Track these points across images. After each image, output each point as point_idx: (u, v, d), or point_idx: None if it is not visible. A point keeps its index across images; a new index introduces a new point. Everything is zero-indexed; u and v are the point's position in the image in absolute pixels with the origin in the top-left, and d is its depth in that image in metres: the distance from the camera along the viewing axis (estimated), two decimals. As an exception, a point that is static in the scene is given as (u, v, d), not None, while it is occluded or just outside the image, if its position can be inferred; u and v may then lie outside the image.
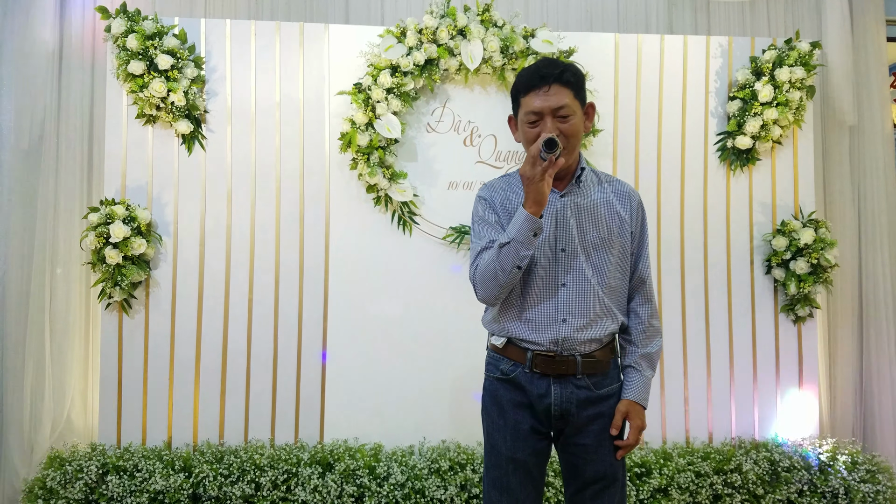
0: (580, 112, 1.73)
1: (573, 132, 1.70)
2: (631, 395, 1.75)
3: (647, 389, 1.78)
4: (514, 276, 1.65)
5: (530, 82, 1.71)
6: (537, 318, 1.73)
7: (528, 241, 1.61)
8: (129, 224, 2.95)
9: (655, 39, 3.31)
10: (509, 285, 1.67)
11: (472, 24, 3.05)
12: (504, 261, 1.63)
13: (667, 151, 3.30)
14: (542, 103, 1.68)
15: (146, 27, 2.97)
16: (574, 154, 1.74)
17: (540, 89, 1.69)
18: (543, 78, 1.69)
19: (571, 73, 1.71)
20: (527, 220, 1.60)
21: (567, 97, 1.69)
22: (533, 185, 1.60)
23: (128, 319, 3.06)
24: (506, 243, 1.63)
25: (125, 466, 2.87)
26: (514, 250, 1.62)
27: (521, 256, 1.62)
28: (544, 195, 1.60)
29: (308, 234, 3.16)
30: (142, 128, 3.09)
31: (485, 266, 1.68)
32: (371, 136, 3.02)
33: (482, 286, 1.70)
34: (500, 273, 1.64)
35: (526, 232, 1.61)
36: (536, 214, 1.61)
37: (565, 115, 1.68)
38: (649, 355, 1.80)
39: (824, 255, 3.18)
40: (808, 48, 3.24)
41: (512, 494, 1.74)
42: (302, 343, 3.13)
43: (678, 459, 3.04)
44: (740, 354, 3.29)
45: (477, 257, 1.73)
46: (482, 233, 1.76)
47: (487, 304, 1.76)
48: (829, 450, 3.15)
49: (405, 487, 2.87)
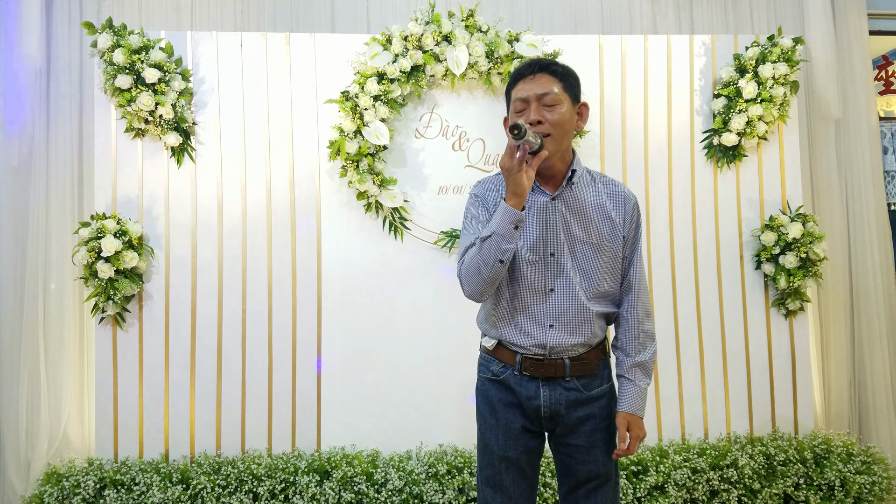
0: (569, 105, 1.71)
1: (558, 122, 1.67)
2: (627, 407, 1.74)
3: (642, 399, 1.76)
4: (498, 271, 1.64)
5: (519, 72, 1.73)
6: (525, 323, 1.73)
7: (510, 234, 1.60)
8: (121, 238, 2.95)
9: (639, 40, 3.33)
10: (494, 280, 1.66)
11: (456, 29, 3.07)
12: (486, 254, 1.62)
13: (654, 150, 3.33)
14: (528, 90, 1.69)
15: (132, 41, 2.98)
16: (560, 148, 1.70)
17: (527, 77, 1.71)
18: (530, 66, 1.72)
19: (560, 66, 1.72)
20: (506, 212, 1.59)
21: (554, 85, 1.68)
22: (511, 176, 1.58)
23: (122, 333, 3.07)
24: (487, 237, 1.62)
25: (123, 480, 2.87)
26: (495, 244, 1.61)
27: (503, 250, 1.61)
28: (524, 187, 1.58)
29: (300, 242, 3.17)
30: (131, 141, 3.10)
31: (469, 261, 1.68)
32: (360, 144, 3.03)
33: (467, 281, 1.69)
34: (483, 266, 1.64)
35: (507, 225, 1.59)
36: (517, 207, 1.59)
37: (551, 104, 1.67)
38: (643, 364, 1.77)
39: (813, 248, 3.21)
40: (790, 44, 3.27)
41: (505, 492, 1.75)
42: (297, 351, 3.14)
43: (674, 456, 3.05)
44: (733, 350, 3.31)
45: (464, 254, 1.72)
46: (471, 230, 1.76)
47: (474, 300, 1.74)
48: (824, 442, 3.17)
49: (403, 493, 2.88)
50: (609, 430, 1.77)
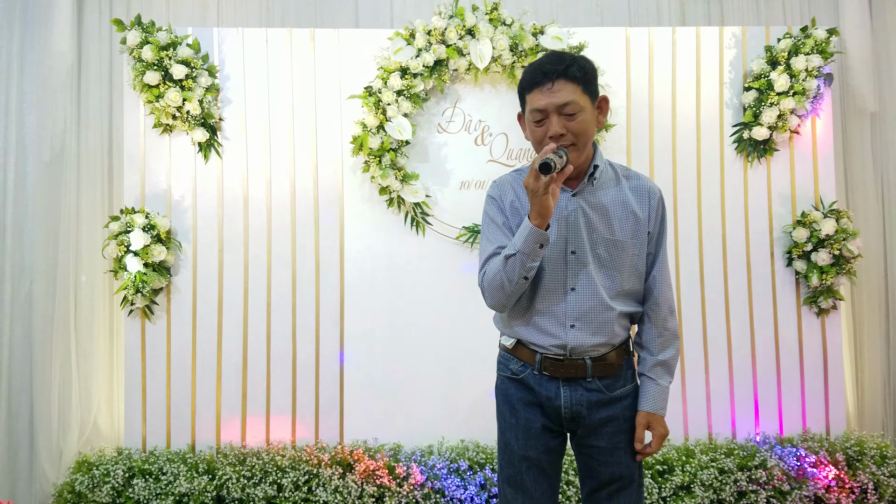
0: (590, 107, 1.64)
1: (581, 129, 1.61)
2: (648, 406, 1.70)
3: (663, 398, 1.72)
4: (522, 286, 1.62)
5: (534, 79, 1.63)
6: (545, 323, 1.69)
7: (534, 254, 1.57)
8: (149, 232, 3.00)
9: (667, 32, 3.27)
10: (516, 294, 1.64)
11: (480, 23, 3.05)
12: (510, 272, 1.60)
13: (682, 145, 3.27)
14: (547, 101, 1.60)
15: (160, 38, 3.03)
16: (584, 153, 1.65)
17: (543, 86, 1.61)
18: (546, 74, 1.60)
19: (578, 66, 1.61)
20: (531, 232, 1.55)
21: (573, 93, 1.60)
22: (537, 198, 1.53)
23: (150, 325, 3.12)
24: (512, 255, 1.59)
25: (150, 470, 2.93)
26: (519, 262, 1.58)
27: (528, 268, 1.58)
28: (549, 208, 1.54)
29: (323, 237, 3.18)
30: (159, 137, 3.15)
31: (492, 275, 1.65)
32: (382, 139, 3.03)
33: (490, 295, 1.67)
34: (507, 283, 1.62)
35: (532, 244, 1.56)
36: (542, 227, 1.55)
37: (571, 113, 1.60)
38: (665, 363, 1.73)
39: (846, 245, 3.12)
40: (824, 35, 3.18)
41: (527, 492, 1.71)
42: (320, 345, 3.17)
43: (701, 456, 3.00)
44: (762, 348, 3.24)
45: (485, 263, 1.69)
46: (490, 235, 1.72)
47: (496, 311, 1.74)
48: (857, 444, 3.09)
49: (425, 487, 2.88)
50: (633, 432, 1.73)
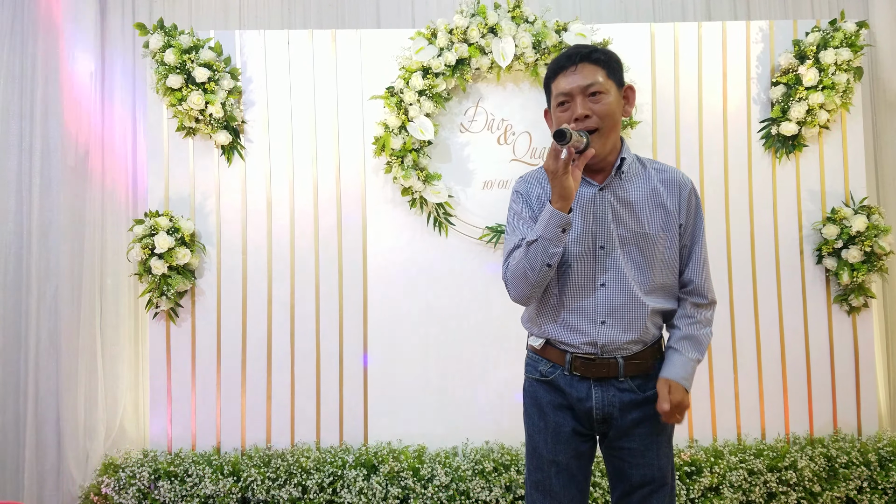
0: (615, 92, 1.63)
1: (607, 112, 1.60)
2: (669, 374, 1.62)
3: (687, 370, 1.62)
4: (545, 275, 1.59)
5: (558, 65, 1.65)
6: (575, 320, 1.65)
7: (557, 238, 1.54)
8: (173, 235, 3.01)
9: (693, 27, 3.22)
10: (541, 284, 1.61)
11: (502, 21, 3.03)
12: (533, 259, 1.57)
13: (708, 141, 3.21)
14: (571, 83, 1.60)
15: (183, 41, 3.03)
16: (610, 141, 1.63)
17: (567, 69, 1.62)
18: (570, 57, 1.62)
19: (601, 52, 1.63)
20: (553, 216, 1.53)
21: (598, 74, 1.60)
22: (556, 179, 1.51)
23: (175, 328, 3.13)
24: (533, 241, 1.57)
25: (176, 472, 2.94)
26: (542, 248, 1.55)
27: (551, 254, 1.55)
28: (570, 189, 1.52)
29: (346, 238, 3.18)
30: (182, 140, 3.16)
31: (515, 265, 1.62)
32: (404, 139, 3.02)
33: (513, 285, 1.64)
34: (530, 271, 1.59)
35: (553, 228, 1.54)
36: (563, 210, 1.53)
37: (596, 93, 1.59)
38: (694, 336, 1.65)
39: (878, 242, 3.05)
40: (854, 28, 3.11)
41: (555, 497, 1.68)
42: (343, 346, 3.16)
43: (729, 457, 2.96)
44: (792, 347, 3.18)
45: (509, 256, 1.67)
46: (515, 229, 1.70)
47: (520, 304, 1.70)
48: (890, 444, 3.02)
49: (449, 489, 2.86)
50: (666, 433, 1.70)
